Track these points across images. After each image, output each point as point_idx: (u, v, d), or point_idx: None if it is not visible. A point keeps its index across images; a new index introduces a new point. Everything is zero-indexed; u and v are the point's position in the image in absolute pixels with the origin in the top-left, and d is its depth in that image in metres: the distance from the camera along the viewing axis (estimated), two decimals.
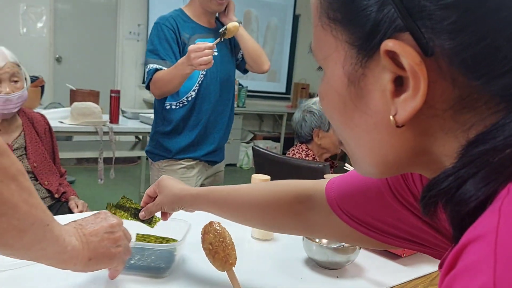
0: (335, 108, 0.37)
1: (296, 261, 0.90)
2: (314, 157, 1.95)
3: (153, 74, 1.55)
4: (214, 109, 1.70)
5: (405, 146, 0.34)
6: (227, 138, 1.84)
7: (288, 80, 6.80)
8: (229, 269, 0.69)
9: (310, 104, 1.97)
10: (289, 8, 6.47)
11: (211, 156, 1.75)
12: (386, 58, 0.31)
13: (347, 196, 0.55)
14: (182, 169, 1.70)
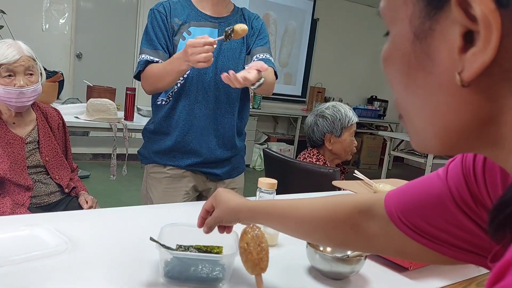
0: (398, 70, 0.36)
1: (299, 269, 0.88)
2: (325, 162, 1.93)
3: (144, 65, 1.40)
4: (209, 112, 1.45)
5: (469, 111, 0.31)
6: (241, 148, 1.58)
7: (304, 83, 6.77)
8: (258, 273, 0.69)
9: (323, 108, 1.95)
10: (307, 12, 6.44)
11: (206, 167, 1.50)
12: (458, 9, 0.29)
13: (406, 205, 0.54)
14: (167, 179, 1.49)
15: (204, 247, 0.84)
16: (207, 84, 1.42)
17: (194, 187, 1.53)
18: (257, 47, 1.48)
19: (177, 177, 1.49)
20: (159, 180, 1.50)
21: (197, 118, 1.44)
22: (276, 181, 1.08)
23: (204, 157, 1.47)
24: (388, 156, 4.91)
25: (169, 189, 1.49)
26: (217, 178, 1.54)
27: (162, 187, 1.50)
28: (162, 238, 0.80)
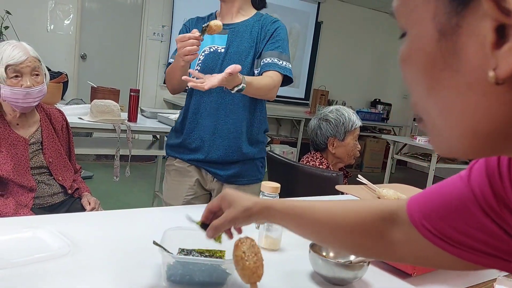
0: (420, 70, 0.34)
1: (302, 274, 0.87)
2: (328, 166, 1.93)
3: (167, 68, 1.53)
4: (212, 112, 1.48)
5: (501, 111, 0.30)
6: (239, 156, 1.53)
7: (307, 86, 6.77)
8: (254, 282, 0.70)
9: (327, 112, 1.94)
10: (311, 15, 6.45)
11: (208, 166, 1.53)
12: (489, 2, 0.27)
13: (428, 210, 0.53)
14: (175, 171, 1.59)
15: (206, 251, 0.84)
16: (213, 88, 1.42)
17: (199, 182, 1.57)
18: (266, 51, 1.48)
19: (182, 170, 1.57)
20: (169, 172, 1.61)
21: (202, 118, 1.50)
22: (279, 185, 1.08)
23: (206, 155, 1.51)
24: (391, 160, 4.89)
25: (175, 182, 1.57)
26: (222, 179, 1.55)
27: (171, 179, 1.59)
28: (165, 241, 0.80)
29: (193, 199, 1.56)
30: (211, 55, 1.48)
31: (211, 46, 1.50)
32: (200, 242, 0.85)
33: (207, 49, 1.49)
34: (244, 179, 1.55)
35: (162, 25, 5.19)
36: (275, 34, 1.49)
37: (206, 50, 1.49)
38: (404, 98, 7.76)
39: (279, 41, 1.49)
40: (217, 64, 1.46)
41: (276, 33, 1.50)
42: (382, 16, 7.14)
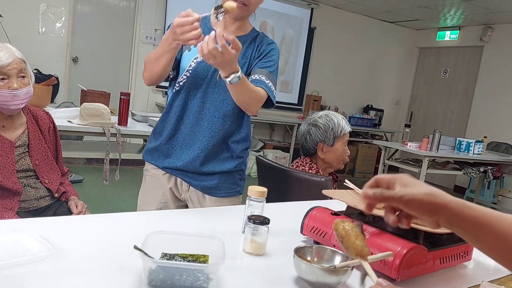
0: None
1: (286, 279, 0.87)
2: (318, 171, 1.93)
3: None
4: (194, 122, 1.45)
5: None
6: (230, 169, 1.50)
7: (300, 91, 6.79)
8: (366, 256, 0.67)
9: (316, 117, 1.94)
10: (305, 20, 6.48)
11: (183, 175, 1.48)
12: None
13: None
14: (149, 177, 1.54)
15: (190, 256, 0.83)
16: (200, 94, 1.43)
17: (172, 192, 1.52)
18: (256, 68, 1.45)
19: (157, 177, 1.52)
20: (144, 177, 1.57)
21: (184, 125, 1.47)
22: (265, 189, 1.07)
23: (183, 164, 1.46)
24: (382, 165, 4.91)
25: (149, 188, 1.54)
26: (198, 189, 1.50)
27: (146, 185, 1.56)
28: (147, 246, 0.79)
29: (166, 208, 1.51)
30: (203, 64, 1.41)
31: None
32: (184, 247, 0.84)
33: (199, 57, 1.41)
34: (222, 192, 1.51)
35: (155, 29, 5.19)
36: (269, 55, 1.49)
37: (198, 58, 1.42)
38: (396, 104, 7.80)
39: (271, 61, 1.48)
40: (207, 74, 1.42)
41: (270, 54, 1.49)
42: (375, 22, 7.19)
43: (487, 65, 6.48)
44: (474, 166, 4.67)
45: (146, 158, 1.56)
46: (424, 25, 7.21)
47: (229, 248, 0.98)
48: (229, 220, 1.21)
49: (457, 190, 6.70)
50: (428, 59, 7.57)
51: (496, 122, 6.23)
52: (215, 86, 1.43)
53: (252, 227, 0.96)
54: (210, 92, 1.44)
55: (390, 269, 0.87)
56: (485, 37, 6.40)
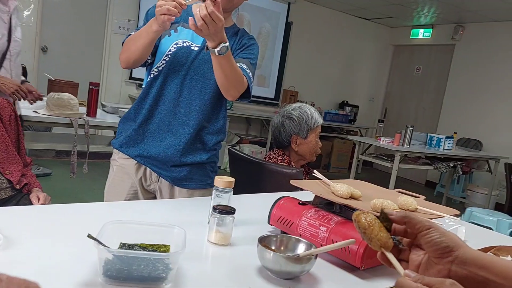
0: None
1: (249, 269, 0.85)
2: (290, 163, 1.92)
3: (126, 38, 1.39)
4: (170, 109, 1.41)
5: None
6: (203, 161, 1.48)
7: (277, 86, 6.80)
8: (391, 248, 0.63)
9: (290, 109, 1.94)
10: (282, 15, 6.48)
11: (156, 165, 1.44)
12: None
13: None
14: (117, 167, 1.48)
15: (150, 246, 0.80)
16: (177, 81, 1.41)
17: (141, 182, 1.47)
18: (238, 58, 1.44)
19: (126, 167, 1.46)
20: (112, 167, 1.51)
21: (159, 111, 1.43)
22: (233, 179, 1.05)
23: (155, 153, 1.42)
24: (356, 160, 4.96)
25: (117, 178, 1.48)
26: (168, 181, 1.46)
27: (113, 175, 1.49)
28: (104, 235, 0.76)
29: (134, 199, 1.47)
30: (183, 49, 1.40)
31: (184, 40, 1.41)
32: (144, 237, 0.81)
33: (180, 42, 1.41)
34: (193, 183, 1.48)
35: (128, 19, 5.07)
36: (250, 48, 1.48)
37: (178, 43, 1.40)
38: (371, 101, 7.91)
39: (252, 54, 1.48)
40: (187, 60, 1.39)
41: (252, 47, 1.49)
42: (351, 19, 7.25)
43: (458, 63, 6.64)
44: (444, 161, 4.78)
45: (116, 146, 1.49)
46: (398, 23, 7.32)
47: (194, 239, 0.96)
48: (196, 211, 1.19)
49: (428, 185, 6.86)
50: (402, 57, 7.70)
51: (465, 118, 6.40)
52: (194, 73, 1.41)
53: (217, 217, 0.94)
54: (189, 79, 1.41)
55: (354, 257, 0.86)
56: (457, 35, 6.55)
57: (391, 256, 0.62)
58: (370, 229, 0.62)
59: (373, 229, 0.62)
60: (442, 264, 0.58)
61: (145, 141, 1.44)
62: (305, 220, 0.98)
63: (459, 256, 0.57)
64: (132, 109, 1.48)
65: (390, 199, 0.99)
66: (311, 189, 1.08)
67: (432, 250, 0.59)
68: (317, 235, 0.94)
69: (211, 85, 1.42)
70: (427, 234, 0.59)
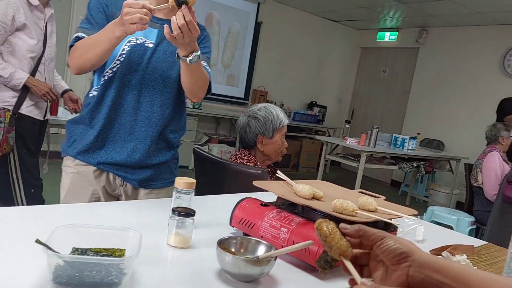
0: None
1: (209, 272, 0.84)
2: (256, 163, 1.92)
3: (75, 42, 1.28)
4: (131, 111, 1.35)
5: None
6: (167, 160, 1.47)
7: (247, 86, 6.80)
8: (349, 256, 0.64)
9: (255, 109, 1.93)
10: (251, 15, 6.48)
11: (118, 170, 1.38)
12: None
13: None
14: (74, 174, 1.39)
15: (104, 250, 0.78)
16: (134, 82, 1.34)
17: (105, 189, 1.41)
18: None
19: (85, 174, 1.38)
20: (67, 174, 1.41)
21: (119, 115, 1.35)
22: (194, 181, 1.03)
23: (119, 158, 1.37)
24: (324, 160, 5.03)
25: (76, 186, 1.39)
26: (134, 184, 1.42)
27: (70, 182, 1.39)
28: (55, 240, 0.72)
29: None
30: (137, 47, 1.33)
31: (137, 37, 1.33)
32: (99, 241, 0.79)
33: (133, 40, 1.33)
34: (158, 183, 1.45)
35: None
36: (204, 40, 1.45)
37: (131, 41, 1.33)
38: (339, 102, 8.04)
39: (207, 47, 1.45)
40: (143, 59, 1.33)
41: (206, 39, 1.45)
42: (320, 20, 7.34)
43: (422, 66, 6.85)
44: (408, 161, 4.92)
45: (71, 154, 1.38)
46: (366, 26, 7.47)
47: (153, 242, 0.94)
48: (157, 213, 1.16)
49: (393, 184, 7.04)
50: (369, 59, 7.86)
51: (429, 120, 6.61)
52: (153, 72, 1.35)
53: (176, 220, 0.92)
54: (148, 79, 1.35)
55: (314, 258, 0.87)
56: (421, 39, 6.76)
57: (349, 264, 0.63)
58: (331, 237, 0.64)
59: (333, 237, 0.63)
60: (400, 270, 0.60)
61: (107, 147, 1.37)
62: (267, 222, 0.98)
63: (416, 260, 0.59)
64: (85, 113, 1.37)
65: (351, 199, 0.99)
66: (273, 190, 1.08)
67: (389, 258, 0.61)
68: (278, 237, 0.94)
69: (172, 83, 1.39)
70: (382, 243, 0.61)
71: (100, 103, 1.35)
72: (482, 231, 3.71)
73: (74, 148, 1.38)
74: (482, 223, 3.65)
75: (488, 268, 1.12)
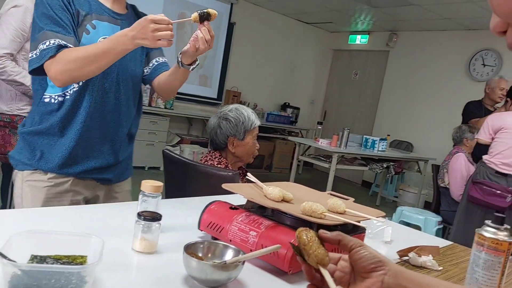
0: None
1: (175, 278, 0.82)
2: (227, 165, 1.90)
3: (56, 51, 1.17)
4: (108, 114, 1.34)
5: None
6: (130, 152, 1.51)
7: (220, 86, 6.76)
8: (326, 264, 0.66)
9: (226, 111, 1.92)
10: (224, 15, 6.45)
11: (97, 173, 1.37)
12: None
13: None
14: (50, 187, 1.31)
15: (65, 257, 0.75)
16: (109, 84, 1.32)
17: (84, 196, 1.39)
18: (154, 51, 1.47)
19: (62, 184, 1.32)
20: (39, 189, 1.31)
21: (95, 121, 1.32)
22: (161, 184, 1.01)
23: (98, 164, 1.36)
24: (296, 161, 5.06)
25: (53, 200, 1.32)
26: (107, 183, 1.44)
27: (43, 197, 1.31)
28: (12, 247, 0.69)
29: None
30: None
31: (106, 37, 1.28)
32: (59, 247, 0.75)
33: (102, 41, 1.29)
34: (124, 175, 1.51)
35: None
36: None
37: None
38: (311, 103, 8.12)
39: None
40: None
41: None
42: (293, 22, 7.40)
43: (392, 69, 7.00)
44: (379, 162, 5.01)
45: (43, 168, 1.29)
46: (338, 28, 7.58)
47: (118, 247, 0.91)
48: (122, 217, 1.13)
49: (364, 185, 7.16)
50: (341, 61, 7.98)
51: (398, 122, 6.77)
52: (124, 72, 1.35)
53: (142, 224, 0.90)
54: (121, 80, 1.35)
55: (282, 262, 0.86)
56: (391, 42, 6.91)
57: (325, 273, 0.65)
58: (309, 245, 0.65)
59: (311, 246, 0.65)
60: (375, 277, 0.63)
61: (86, 155, 1.33)
62: (236, 225, 0.97)
63: (391, 269, 0.63)
64: (54, 123, 1.28)
65: (321, 201, 1.00)
66: (242, 192, 1.07)
67: (366, 265, 0.64)
68: (247, 240, 0.93)
69: (139, 81, 1.45)
70: (360, 250, 0.65)
71: (74, 110, 1.28)
72: (448, 230, 3.82)
73: (46, 162, 1.30)
74: (449, 223, 3.76)
75: (453, 268, 1.14)
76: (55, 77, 1.19)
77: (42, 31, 1.19)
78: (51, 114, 1.29)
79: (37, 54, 1.19)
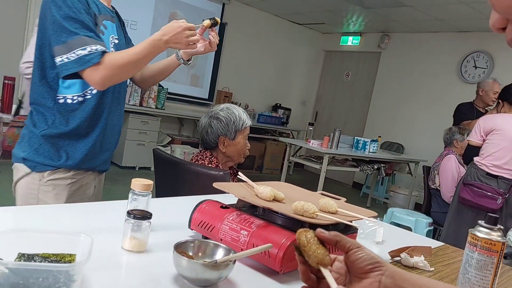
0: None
1: (165, 277, 0.80)
2: (218, 165, 1.89)
3: (100, 57, 1.19)
4: (117, 108, 1.44)
5: None
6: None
7: (211, 86, 6.75)
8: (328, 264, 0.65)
9: (217, 110, 1.91)
10: (216, 15, 6.43)
11: (105, 164, 1.50)
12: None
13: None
14: (72, 184, 1.37)
15: (53, 255, 0.73)
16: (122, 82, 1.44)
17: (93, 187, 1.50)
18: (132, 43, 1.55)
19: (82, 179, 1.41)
20: (63, 187, 1.35)
21: (111, 115, 1.41)
22: (151, 182, 0.99)
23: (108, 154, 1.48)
24: (287, 162, 5.06)
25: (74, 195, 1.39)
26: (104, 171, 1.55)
27: (66, 194, 1.36)
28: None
29: None
30: (118, 46, 1.39)
31: (113, 36, 1.38)
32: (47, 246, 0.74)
33: (114, 40, 1.37)
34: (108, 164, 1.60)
35: None
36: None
37: (113, 41, 1.37)
38: (303, 104, 8.13)
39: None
40: None
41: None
42: (285, 23, 7.40)
43: (383, 70, 7.04)
44: (369, 164, 5.03)
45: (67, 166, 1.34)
46: (330, 29, 7.60)
47: (107, 246, 0.89)
48: (112, 215, 1.11)
49: (355, 186, 7.19)
50: (332, 62, 8.01)
51: (389, 123, 6.81)
52: None
53: (131, 223, 0.89)
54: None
55: (273, 261, 0.85)
56: (382, 44, 6.95)
57: (326, 272, 0.64)
58: (308, 246, 0.65)
59: (310, 247, 0.65)
60: (372, 277, 0.63)
61: (103, 147, 1.43)
62: (227, 224, 0.96)
63: (388, 269, 0.64)
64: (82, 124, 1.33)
65: (312, 201, 0.99)
66: (233, 192, 1.06)
67: (363, 265, 0.64)
68: (238, 239, 0.92)
69: None
70: (358, 250, 0.65)
71: (99, 109, 1.35)
72: (439, 232, 3.84)
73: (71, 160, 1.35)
74: (439, 224, 3.79)
75: (445, 269, 1.14)
76: (102, 83, 1.22)
77: (78, 36, 1.19)
78: (74, 114, 1.32)
79: (73, 58, 1.18)
